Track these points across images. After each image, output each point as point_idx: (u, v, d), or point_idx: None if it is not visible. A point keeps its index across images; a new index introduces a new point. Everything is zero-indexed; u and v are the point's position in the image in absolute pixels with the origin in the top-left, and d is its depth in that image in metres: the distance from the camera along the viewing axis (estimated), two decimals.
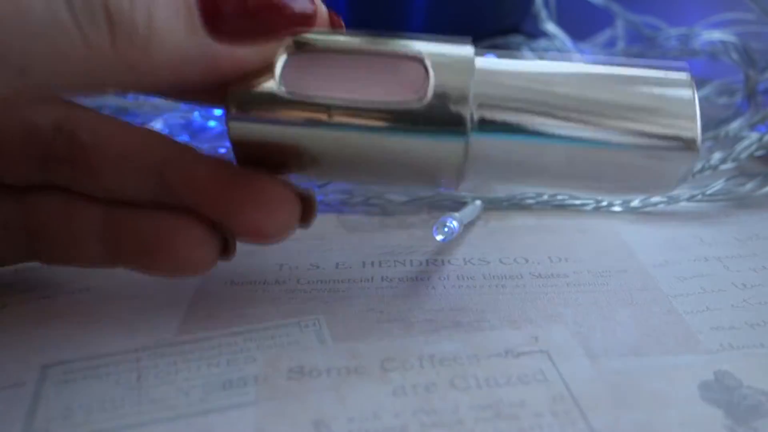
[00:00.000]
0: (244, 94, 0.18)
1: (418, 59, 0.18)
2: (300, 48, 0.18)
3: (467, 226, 0.26)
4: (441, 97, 0.18)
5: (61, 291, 0.23)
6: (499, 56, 0.19)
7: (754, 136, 0.32)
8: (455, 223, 0.25)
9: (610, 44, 0.44)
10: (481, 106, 0.18)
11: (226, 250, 0.21)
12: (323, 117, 0.18)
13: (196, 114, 0.37)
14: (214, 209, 0.20)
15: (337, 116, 0.18)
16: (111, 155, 0.20)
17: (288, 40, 0.18)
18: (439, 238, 0.25)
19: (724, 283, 0.24)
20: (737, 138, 0.34)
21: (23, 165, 0.21)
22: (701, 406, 0.18)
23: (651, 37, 0.43)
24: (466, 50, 0.18)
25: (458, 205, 0.29)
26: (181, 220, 0.20)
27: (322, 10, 0.19)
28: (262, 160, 0.19)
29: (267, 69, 0.18)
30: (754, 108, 0.36)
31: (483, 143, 0.18)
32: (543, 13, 0.41)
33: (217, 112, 0.36)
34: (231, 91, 0.18)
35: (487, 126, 0.18)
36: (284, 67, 0.18)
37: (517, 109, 0.18)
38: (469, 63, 0.18)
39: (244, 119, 0.18)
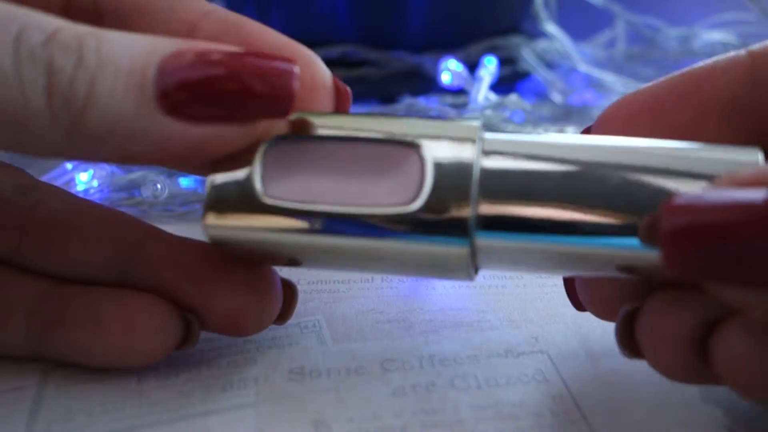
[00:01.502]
0: (219, 192, 0.16)
1: (415, 147, 0.16)
2: (286, 131, 0.17)
3: None
4: (436, 197, 0.15)
5: None
6: (507, 137, 0.16)
7: None
8: None
9: (610, 44, 0.44)
10: (483, 206, 0.15)
11: (186, 340, 0.19)
12: (305, 225, 0.16)
13: None
14: (191, 293, 0.18)
15: (321, 224, 0.16)
16: (81, 228, 0.19)
17: (272, 123, 0.16)
18: None
19: None
20: None
21: None
22: (701, 406, 0.18)
23: (651, 37, 0.43)
24: (467, 145, 0.16)
25: None
26: (145, 299, 0.18)
27: (323, 80, 0.18)
28: (243, 256, 0.18)
29: (246, 157, 0.16)
30: None
31: (488, 244, 0.16)
32: (543, 13, 0.41)
33: None
34: (207, 187, 0.16)
35: (490, 226, 0.15)
36: (265, 158, 0.16)
37: (522, 206, 0.15)
38: (470, 159, 0.16)
39: (219, 226, 0.16)
